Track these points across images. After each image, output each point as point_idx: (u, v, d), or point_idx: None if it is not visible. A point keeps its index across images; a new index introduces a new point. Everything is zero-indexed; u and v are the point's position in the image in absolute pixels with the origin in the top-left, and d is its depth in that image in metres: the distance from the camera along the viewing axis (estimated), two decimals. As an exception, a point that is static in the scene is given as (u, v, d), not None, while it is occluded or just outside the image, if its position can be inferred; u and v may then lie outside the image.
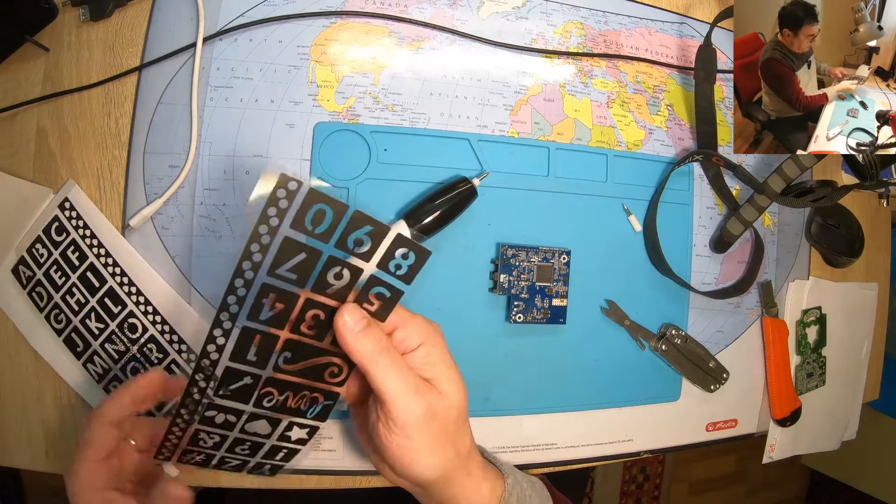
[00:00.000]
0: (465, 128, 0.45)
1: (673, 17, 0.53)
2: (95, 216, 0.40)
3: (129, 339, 0.40)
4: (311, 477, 0.43)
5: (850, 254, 0.58)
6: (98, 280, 0.39)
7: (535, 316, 0.45)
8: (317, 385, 0.32)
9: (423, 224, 0.41)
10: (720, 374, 0.51)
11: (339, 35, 0.44)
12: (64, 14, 0.41)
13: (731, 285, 0.53)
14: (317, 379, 0.32)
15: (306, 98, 0.43)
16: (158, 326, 0.40)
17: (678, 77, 0.52)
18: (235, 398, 0.30)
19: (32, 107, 0.41)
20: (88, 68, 0.41)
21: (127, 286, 0.40)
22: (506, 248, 0.44)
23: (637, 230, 0.49)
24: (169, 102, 0.41)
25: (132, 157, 0.41)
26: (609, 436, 0.49)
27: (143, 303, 0.40)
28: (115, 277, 0.39)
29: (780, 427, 0.54)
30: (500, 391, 0.46)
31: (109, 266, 0.39)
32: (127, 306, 0.39)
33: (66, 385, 0.41)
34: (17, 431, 0.41)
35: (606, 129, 0.49)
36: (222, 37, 0.42)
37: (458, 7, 0.46)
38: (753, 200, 0.50)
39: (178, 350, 0.40)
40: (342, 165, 0.43)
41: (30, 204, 0.40)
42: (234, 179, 0.42)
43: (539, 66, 0.48)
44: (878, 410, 1.23)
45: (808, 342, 0.56)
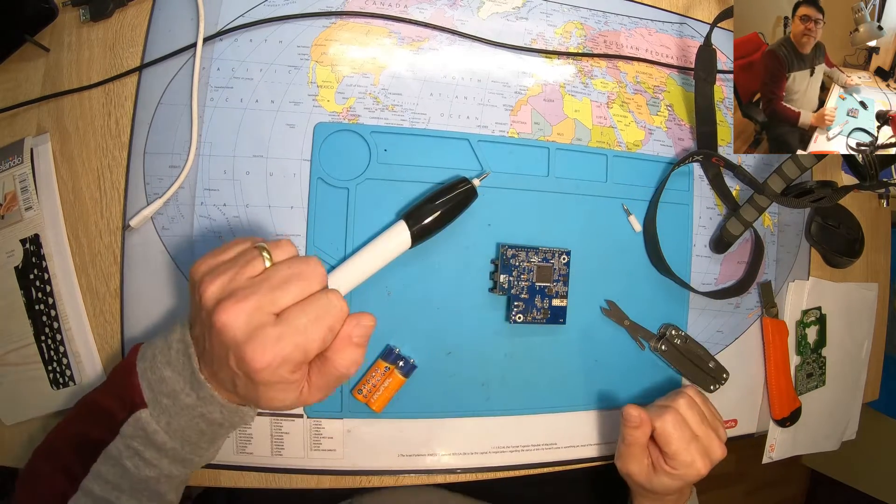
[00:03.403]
0: (465, 128, 0.45)
1: (673, 17, 0.53)
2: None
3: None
4: (311, 477, 0.43)
5: (850, 254, 0.58)
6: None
7: (534, 316, 0.45)
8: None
9: (423, 224, 0.41)
10: (720, 375, 0.51)
11: (339, 35, 0.44)
12: (64, 14, 0.41)
13: (731, 285, 0.53)
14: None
15: (306, 98, 0.43)
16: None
17: (678, 77, 0.52)
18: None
19: (32, 107, 0.41)
20: (88, 68, 0.41)
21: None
22: (506, 248, 0.44)
23: (637, 230, 0.49)
24: (169, 102, 0.41)
25: (132, 158, 0.41)
26: (609, 436, 0.49)
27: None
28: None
29: (780, 427, 0.54)
30: (500, 391, 0.46)
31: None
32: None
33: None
34: (17, 431, 0.41)
35: (606, 130, 0.49)
36: (222, 37, 0.42)
37: (458, 7, 0.46)
38: (753, 201, 0.50)
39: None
40: (342, 165, 0.43)
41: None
42: (234, 179, 0.42)
43: (539, 66, 0.48)
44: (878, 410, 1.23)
45: (808, 342, 0.56)
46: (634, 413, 0.41)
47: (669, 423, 0.41)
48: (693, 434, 0.41)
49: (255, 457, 0.42)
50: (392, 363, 0.43)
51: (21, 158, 0.40)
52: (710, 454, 0.42)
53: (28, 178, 0.40)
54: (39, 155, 0.41)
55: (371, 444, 0.44)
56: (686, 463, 0.41)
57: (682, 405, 0.42)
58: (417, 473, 0.45)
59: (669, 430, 0.41)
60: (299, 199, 0.42)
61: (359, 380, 0.43)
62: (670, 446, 0.41)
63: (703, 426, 0.42)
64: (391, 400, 0.43)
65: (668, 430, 0.41)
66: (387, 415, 0.43)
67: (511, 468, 0.47)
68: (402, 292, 0.44)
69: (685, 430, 0.41)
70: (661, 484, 0.42)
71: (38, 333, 0.40)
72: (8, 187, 0.40)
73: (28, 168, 0.40)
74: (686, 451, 0.41)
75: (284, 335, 0.27)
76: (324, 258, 0.42)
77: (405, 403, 0.44)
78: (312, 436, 0.43)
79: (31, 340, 0.41)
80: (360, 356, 0.31)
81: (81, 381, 0.40)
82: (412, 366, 0.43)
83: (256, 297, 0.27)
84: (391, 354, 0.43)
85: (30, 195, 0.40)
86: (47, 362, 0.41)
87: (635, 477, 0.43)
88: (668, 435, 0.41)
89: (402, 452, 0.45)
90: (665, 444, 0.41)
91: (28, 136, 0.41)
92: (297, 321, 0.28)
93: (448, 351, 0.45)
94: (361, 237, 0.42)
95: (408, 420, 0.44)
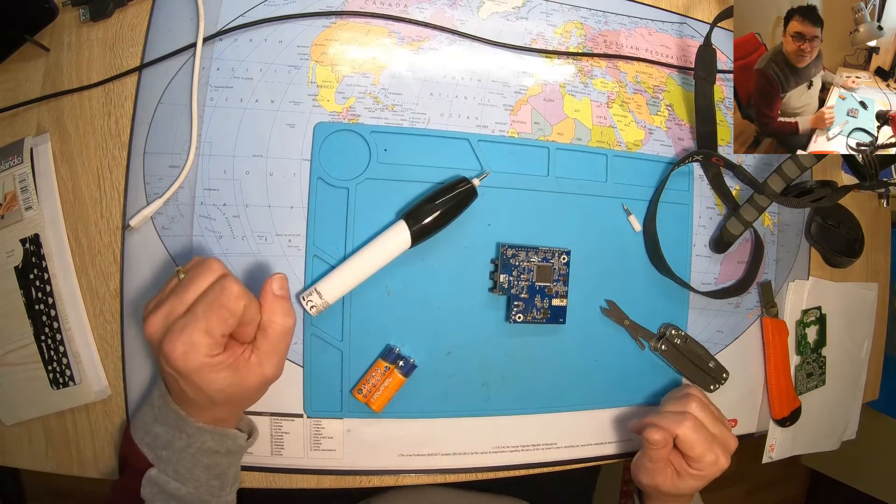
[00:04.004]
0: (465, 128, 0.45)
1: (673, 17, 0.53)
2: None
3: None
4: (312, 477, 0.43)
5: (850, 254, 0.58)
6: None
7: (534, 316, 0.45)
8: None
9: (423, 224, 0.41)
10: (720, 374, 0.51)
11: (339, 35, 0.44)
12: (64, 14, 0.41)
13: (731, 285, 0.53)
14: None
15: (306, 98, 0.43)
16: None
17: (678, 77, 0.52)
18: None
19: (32, 107, 0.41)
20: (88, 68, 0.41)
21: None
22: (506, 248, 0.44)
23: (637, 230, 0.49)
24: (169, 102, 0.41)
25: (132, 157, 0.41)
26: (609, 436, 0.49)
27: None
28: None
29: (780, 427, 0.54)
30: (500, 391, 0.46)
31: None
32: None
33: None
34: (18, 431, 0.41)
35: (606, 129, 0.49)
36: (222, 37, 0.42)
37: (458, 7, 0.46)
38: (753, 200, 0.50)
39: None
40: (342, 165, 0.43)
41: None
42: (234, 179, 0.42)
43: (539, 66, 0.48)
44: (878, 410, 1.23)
45: (808, 342, 0.56)
46: (658, 437, 0.41)
47: (690, 430, 0.42)
48: (711, 434, 0.42)
49: (255, 457, 0.42)
50: (392, 363, 0.43)
51: (21, 158, 0.40)
52: (728, 448, 0.43)
53: (28, 177, 0.40)
54: (39, 155, 0.41)
55: (371, 444, 0.44)
56: (711, 462, 0.42)
57: (695, 409, 0.43)
58: (417, 473, 0.45)
59: (692, 436, 0.41)
60: (299, 199, 0.42)
61: (359, 379, 0.43)
62: (694, 450, 0.41)
63: (717, 424, 0.43)
64: (391, 400, 0.43)
65: (690, 437, 0.41)
66: (387, 415, 0.43)
67: (511, 468, 0.47)
68: (402, 292, 0.44)
69: (704, 432, 0.42)
70: (687, 486, 0.43)
71: (37, 333, 0.40)
72: (8, 187, 0.40)
73: (28, 168, 0.40)
74: (710, 452, 0.42)
75: (187, 324, 0.31)
76: (324, 258, 0.42)
77: (405, 403, 0.44)
78: (312, 436, 0.43)
79: (30, 340, 0.41)
80: (288, 305, 0.35)
81: (81, 381, 0.40)
82: (412, 366, 0.43)
83: (167, 304, 0.32)
84: (391, 354, 0.43)
85: (30, 195, 0.40)
86: (47, 362, 0.41)
87: (662, 487, 0.43)
88: (691, 442, 0.41)
89: (402, 452, 0.45)
90: (689, 449, 0.42)
91: (28, 136, 0.41)
92: (196, 310, 0.32)
93: (448, 351, 0.45)
94: (361, 237, 0.42)
95: (408, 420, 0.44)
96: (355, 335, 0.43)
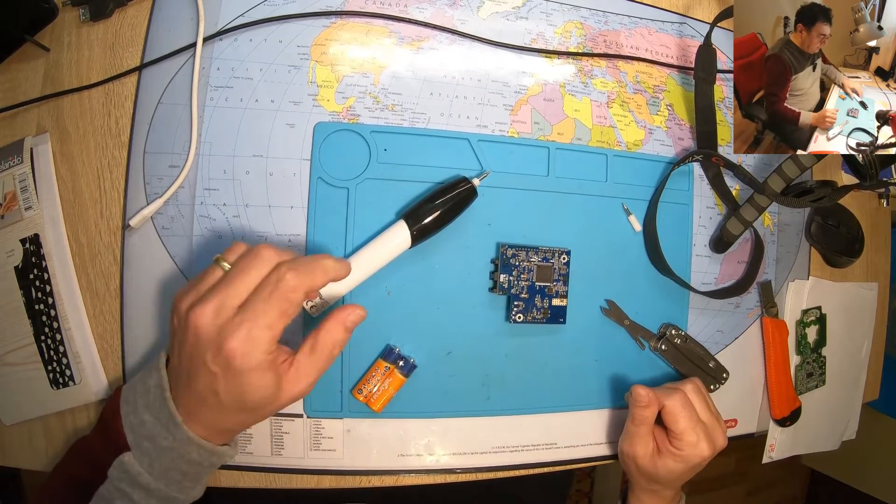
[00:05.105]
0: (465, 128, 0.45)
1: (673, 17, 0.53)
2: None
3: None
4: (312, 477, 0.43)
5: (850, 254, 0.58)
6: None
7: (534, 316, 0.45)
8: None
9: (423, 224, 0.41)
10: (720, 374, 0.51)
11: (339, 35, 0.44)
12: (64, 14, 0.41)
13: (731, 285, 0.53)
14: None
15: (306, 98, 0.43)
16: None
17: (678, 77, 0.52)
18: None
19: (32, 107, 0.41)
20: (88, 68, 0.41)
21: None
22: (506, 247, 0.44)
23: (637, 230, 0.49)
24: (169, 102, 0.41)
25: (132, 157, 0.41)
26: (609, 435, 0.49)
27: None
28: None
29: (780, 427, 0.54)
30: (500, 391, 0.46)
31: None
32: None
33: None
34: (17, 431, 0.41)
35: (606, 129, 0.49)
36: (222, 37, 0.42)
37: (458, 7, 0.46)
38: (753, 200, 0.50)
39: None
40: (342, 165, 0.43)
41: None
42: (234, 179, 0.42)
43: (539, 65, 0.48)
44: (878, 410, 1.23)
45: (808, 342, 0.56)
46: (643, 392, 0.42)
47: (678, 402, 0.42)
48: (699, 417, 0.43)
49: (255, 457, 0.42)
50: (392, 363, 0.43)
51: (21, 158, 0.40)
52: (713, 440, 0.43)
53: (28, 177, 0.40)
54: (39, 155, 0.41)
55: (371, 444, 0.44)
56: (691, 443, 0.42)
57: (689, 389, 0.44)
58: (417, 473, 0.45)
59: (678, 408, 0.42)
60: (299, 199, 0.42)
61: (359, 379, 0.43)
62: (678, 424, 0.42)
63: (708, 413, 0.44)
64: (391, 400, 0.43)
65: (676, 409, 0.42)
66: (387, 415, 0.43)
67: (511, 468, 0.47)
68: (401, 292, 0.44)
69: (691, 410, 0.43)
70: (665, 467, 0.43)
71: (37, 333, 0.40)
72: (8, 187, 0.40)
73: (28, 168, 0.40)
74: (692, 431, 0.42)
75: (245, 320, 0.30)
76: (324, 258, 0.42)
77: (405, 403, 0.44)
78: (312, 436, 0.43)
79: (30, 340, 0.41)
80: (345, 340, 0.34)
81: (81, 381, 0.40)
82: (412, 365, 0.43)
83: (218, 296, 0.31)
84: (391, 354, 0.43)
85: (30, 195, 0.40)
86: (47, 362, 0.41)
87: (640, 460, 0.43)
88: (676, 413, 0.42)
89: (402, 452, 0.45)
90: (673, 422, 0.42)
91: (28, 136, 0.41)
92: (253, 305, 0.30)
93: (448, 351, 0.45)
94: (361, 237, 0.42)
95: (408, 420, 0.44)
96: (355, 335, 0.42)
